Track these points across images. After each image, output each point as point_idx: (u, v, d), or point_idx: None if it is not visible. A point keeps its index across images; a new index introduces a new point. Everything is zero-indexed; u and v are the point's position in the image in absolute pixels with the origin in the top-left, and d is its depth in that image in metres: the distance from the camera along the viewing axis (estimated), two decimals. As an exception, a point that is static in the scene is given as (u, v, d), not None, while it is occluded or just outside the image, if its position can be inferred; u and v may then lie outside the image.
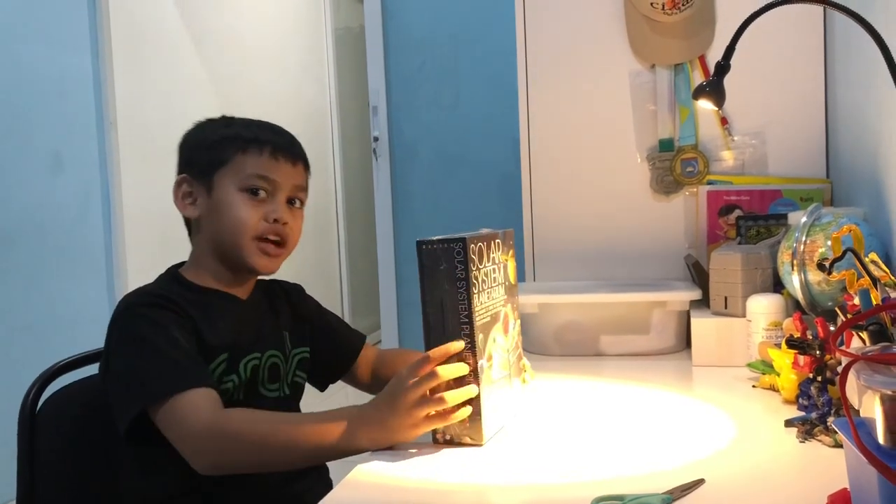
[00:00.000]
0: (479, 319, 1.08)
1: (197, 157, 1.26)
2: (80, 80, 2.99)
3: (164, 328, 1.13)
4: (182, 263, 1.30)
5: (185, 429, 1.07)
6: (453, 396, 1.04)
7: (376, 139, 3.38)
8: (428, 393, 1.04)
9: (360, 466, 1.03)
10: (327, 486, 1.32)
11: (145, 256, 3.10)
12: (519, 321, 1.26)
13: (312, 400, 1.43)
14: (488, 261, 1.12)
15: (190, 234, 1.30)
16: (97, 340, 1.24)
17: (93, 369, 1.25)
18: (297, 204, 1.31)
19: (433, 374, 1.04)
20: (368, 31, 3.36)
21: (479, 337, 1.07)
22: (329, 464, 1.31)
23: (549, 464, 1.04)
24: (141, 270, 3.07)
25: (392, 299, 3.38)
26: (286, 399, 1.30)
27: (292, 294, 1.40)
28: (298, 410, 1.34)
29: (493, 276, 1.13)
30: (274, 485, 1.21)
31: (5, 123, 2.72)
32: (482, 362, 1.08)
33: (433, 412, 1.04)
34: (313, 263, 4.67)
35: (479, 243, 1.10)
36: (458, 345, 1.06)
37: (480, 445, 1.07)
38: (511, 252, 1.23)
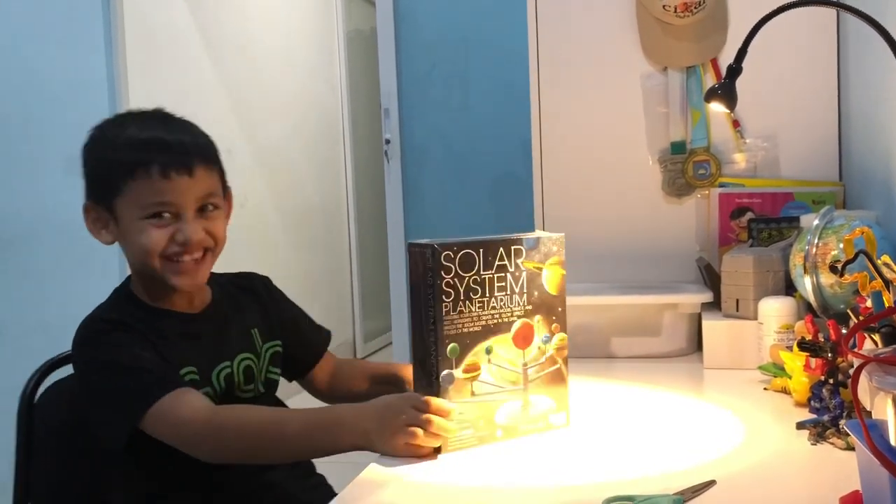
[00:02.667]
0: (459, 328, 1.06)
1: (93, 181, 1.22)
2: (93, 82, 3.01)
3: (126, 347, 1.15)
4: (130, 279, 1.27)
5: (183, 423, 1.11)
6: (427, 439, 1.04)
7: (387, 141, 3.38)
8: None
9: (370, 467, 1.03)
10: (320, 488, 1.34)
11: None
12: (560, 335, 1.16)
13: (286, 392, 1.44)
14: (487, 268, 1.08)
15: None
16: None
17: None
18: (211, 209, 1.21)
19: (428, 420, 1.04)
20: (380, 33, 3.37)
21: (450, 346, 1.05)
22: (337, 464, 1.32)
23: (561, 464, 1.04)
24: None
25: (403, 301, 3.38)
26: (261, 397, 1.29)
27: (257, 286, 1.37)
28: (274, 405, 1.34)
29: (494, 284, 1.09)
30: (267, 486, 1.22)
31: (20, 126, 2.74)
32: (450, 372, 1.06)
33: (411, 442, 1.04)
34: (324, 266, 4.69)
35: (467, 250, 1.06)
36: (452, 411, 1.05)
37: (433, 457, 1.05)
38: (553, 260, 1.14)
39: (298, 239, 4.39)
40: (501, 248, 1.10)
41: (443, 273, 1.04)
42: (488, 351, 1.09)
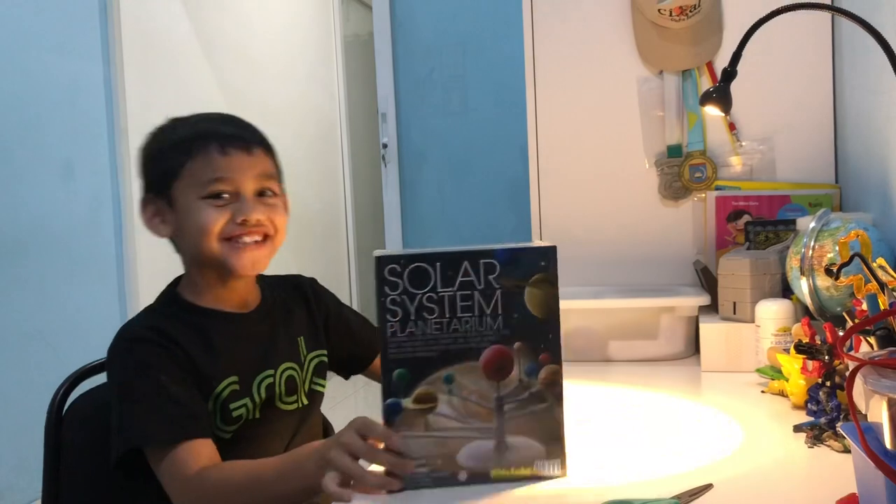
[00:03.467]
0: (408, 352, 0.93)
1: (150, 173, 1.20)
2: (91, 88, 3.01)
3: (151, 372, 1.11)
4: (181, 278, 1.25)
5: (169, 483, 1.08)
6: (363, 477, 0.93)
7: (385, 146, 3.39)
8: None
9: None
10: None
11: (155, 263, 3.11)
12: (551, 367, 0.97)
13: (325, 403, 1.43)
14: (447, 284, 0.94)
15: (178, 250, 1.24)
16: (107, 346, 1.25)
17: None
18: (270, 195, 1.19)
19: (371, 451, 0.94)
20: (377, 38, 3.37)
21: (396, 371, 0.93)
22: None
23: (558, 469, 1.04)
24: (151, 277, 3.08)
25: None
26: (304, 409, 1.26)
27: (306, 289, 1.34)
28: (321, 423, 1.32)
29: (457, 303, 0.94)
30: None
31: (17, 131, 2.74)
32: (397, 401, 0.93)
33: (336, 481, 0.93)
34: (322, 270, 4.68)
35: (419, 263, 0.93)
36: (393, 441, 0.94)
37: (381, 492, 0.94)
38: (538, 277, 0.95)
39: (297, 243, 4.39)
40: (466, 263, 0.94)
41: (387, 289, 0.92)
42: (449, 380, 0.94)
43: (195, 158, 1.15)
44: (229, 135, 1.16)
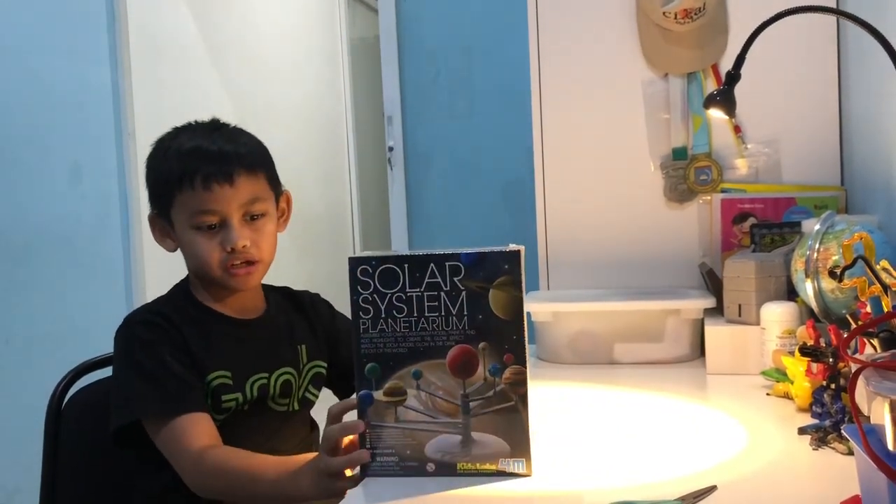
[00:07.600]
0: (379, 347, 1.00)
1: (152, 193, 1.29)
2: (99, 92, 3.02)
3: (155, 349, 1.20)
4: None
5: (175, 455, 1.16)
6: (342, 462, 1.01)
7: (391, 149, 3.39)
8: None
9: (364, 483, 1.03)
10: None
11: (162, 266, 3.12)
12: (515, 367, 0.99)
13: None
14: (415, 285, 0.99)
15: None
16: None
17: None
18: (258, 216, 1.26)
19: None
20: (383, 41, 3.38)
21: (368, 365, 1.00)
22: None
23: (564, 470, 1.04)
24: (158, 280, 3.09)
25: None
26: (295, 413, 1.31)
27: (307, 307, 1.39)
28: (307, 423, 1.36)
29: (424, 303, 0.99)
30: None
31: (25, 134, 2.76)
32: (369, 392, 1.00)
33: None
34: (328, 272, 4.69)
35: (388, 265, 0.99)
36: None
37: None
38: (503, 280, 0.99)
39: (303, 246, 4.40)
40: (432, 265, 0.99)
41: (360, 288, 1.00)
42: (417, 375, 1.00)
43: (183, 192, 1.22)
44: (212, 171, 1.22)
